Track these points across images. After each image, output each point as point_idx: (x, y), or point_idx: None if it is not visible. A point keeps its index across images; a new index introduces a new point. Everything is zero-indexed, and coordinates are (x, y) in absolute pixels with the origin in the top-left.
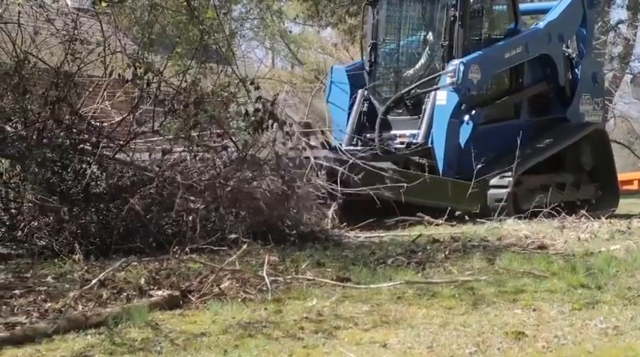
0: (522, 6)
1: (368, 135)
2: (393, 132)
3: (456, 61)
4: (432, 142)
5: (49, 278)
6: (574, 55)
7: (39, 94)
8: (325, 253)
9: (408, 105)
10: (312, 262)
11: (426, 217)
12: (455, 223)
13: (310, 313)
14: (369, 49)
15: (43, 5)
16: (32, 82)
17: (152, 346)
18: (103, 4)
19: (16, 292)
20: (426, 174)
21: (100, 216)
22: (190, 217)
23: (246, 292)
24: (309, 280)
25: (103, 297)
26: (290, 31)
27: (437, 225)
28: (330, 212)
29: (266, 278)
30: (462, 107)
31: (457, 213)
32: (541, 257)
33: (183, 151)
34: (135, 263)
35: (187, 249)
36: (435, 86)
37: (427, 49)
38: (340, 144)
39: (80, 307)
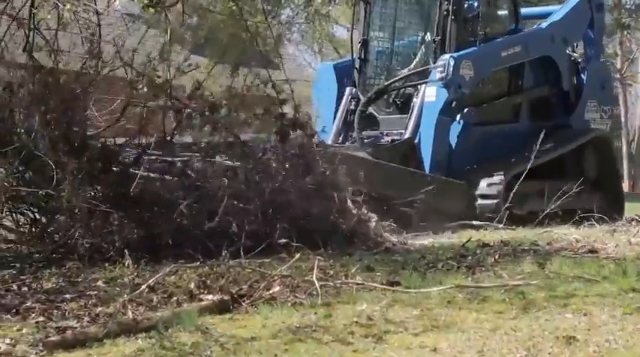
0: (527, 10)
1: (354, 134)
2: (381, 130)
3: (446, 56)
4: (419, 140)
5: (99, 283)
6: (580, 60)
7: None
8: (374, 257)
9: (398, 103)
10: (362, 267)
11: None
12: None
13: (360, 318)
14: (359, 45)
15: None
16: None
17: (202, 351)
18: (151, 10)
19: (67, 296)
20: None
21: (150, 221)
22: (239, 223)
23: (296, 297)
24: (358, 284)
25: (154, 301)
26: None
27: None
28: (373, 215)
29: (316, 283)
30: (453, 105)
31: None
32: (592, 261)
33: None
34: (185, 268)
35: (237, 254)
36: (422, 81)
37: (422, 47)
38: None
39: (130, 311)
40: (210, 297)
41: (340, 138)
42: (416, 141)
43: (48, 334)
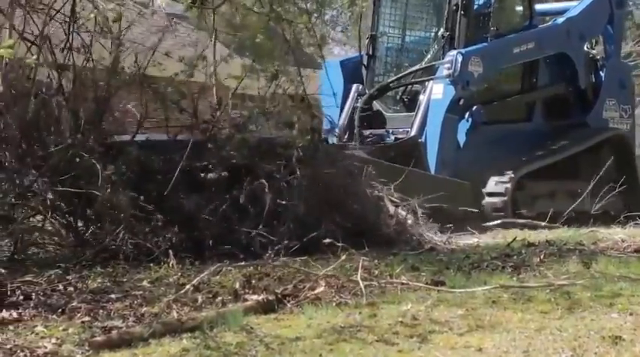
0: (544, 6)
1: (356, 131)
2: (388, 128)
3: (453, 52)
4: (425, 139)
5: (144, 283)
6: (599, 57)
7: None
8: (419, 257)
9: (405, 100)
10: (407, 266)
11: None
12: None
13: (405, 318)
14: (367, 41)
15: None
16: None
17: (247, 350)
18: (195, 10)
19: (113, 296)
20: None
21: (194, 221)
22: (284, 222)
23: (341, 297)
24: (403, 283)
25: (198, 301)
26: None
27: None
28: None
29: (360, 283)
30: (461, 102)
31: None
32: (638, 261)
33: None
34: (229, 267)
35: (281, 253)
36: (428, 77)
37: (435, 44)
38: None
39: (175, 311)
40: (254, 297)
41: (346, 136)
42: (421, 139)
43: (93, 334)
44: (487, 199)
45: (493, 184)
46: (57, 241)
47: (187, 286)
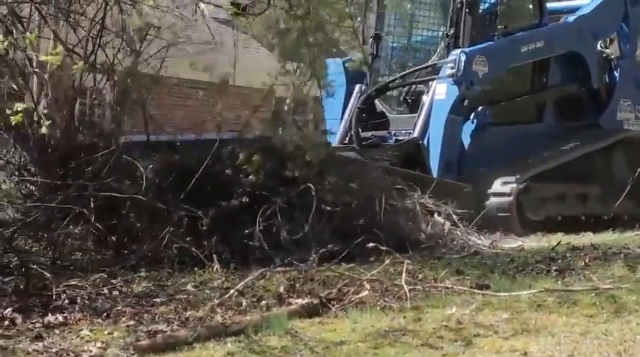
0: (554, 5)
1: (352, 132)
2: (391, 130)
3: (457, 51)
4: (428, 140)
5: (189, 286)
6: (613, 57)
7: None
8: (463, 260)
9: (409, 101)
10: (451, 270)
11: None
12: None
13: (449, 321)
14: (371, 40)
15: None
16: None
17: (291, 354)
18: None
19: (157, 300)
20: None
21: (238, 225)
22: (327, 227)
23: (385, 301)
24: (447, 288)
25: (243, 305)
26: None
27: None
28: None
29: (405, 286)
30: (465, 103)
31: None
32: None
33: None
34: (273, 272)
35: (325, 257)
36: (429, 77)
37: (442, 44)
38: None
39: (220, 315)
40: (299, 301)
41: (347, 138)
42: (423, 141)
43: (138, 338)
44: (491, 200)
45: (498, 184)
46: (100, 246)
47: (232, 291)
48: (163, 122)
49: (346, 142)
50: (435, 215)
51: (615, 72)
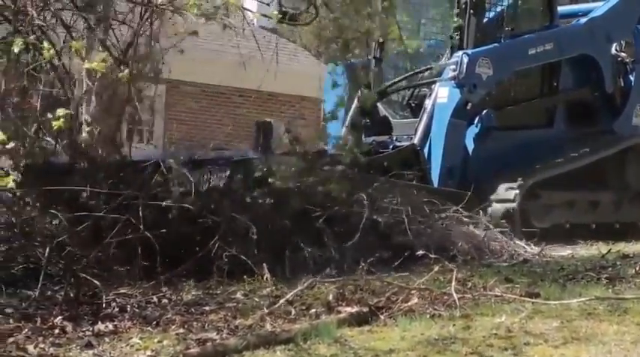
0: (566, 8)
1: (364, 138)
2: (394, 135)
3: (459, 53)
4: (429, 145)
5: (238, 295)
6: (628, 60)
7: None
8: (513, 268)
9: (412, 105)
10: (500, 278)
11: None
12: None
13: (499, 330)
14: (374, 44)
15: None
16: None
17: None
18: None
19: (207, 308)
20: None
21: (289, 235)
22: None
23: (435, 309)
24: (497, 296)
25: (292, 313)
26: None
27: None
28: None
29: (454, 295)
30: (468, 106)
31: None
32: None
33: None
34: (322, 281)
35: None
36: (432, 79)
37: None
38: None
39: (269, 323)
40: (348, 309)
41: (352, 143)
42: (423, 147)
43: (188, 346)
44: (494, 206)
45: (502, 190)
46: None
47: (281, 300)
48: (212, 131)
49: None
50: (471, 226)
51: (630, 76)
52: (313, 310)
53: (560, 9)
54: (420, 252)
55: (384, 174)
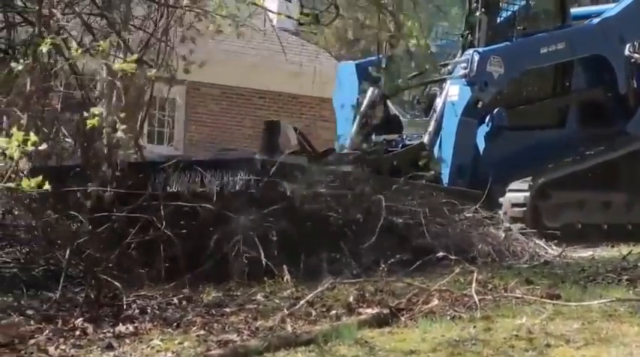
0: (580, 10)
1: (374, 137)
2: (405, 134)
3: (470, 50)
4: (440, 143)
5: (258, 296)
6: None
7: None
8: (534, 270)
9: (423, 104)
10: (521, 280)
11: None
12: None
13: (520, 331)
14: (385, 42)
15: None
16: None
17: None
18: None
19: (227, 310)
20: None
21: (307, 236)
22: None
23: (455, 310)
24: (517, 297)
25: (312, 315)
26: None
27: None
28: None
29: (475, 296)
30: (479, 105)
31: None
32: None
33: None
34: (343, 282)
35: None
36: (442, 77)
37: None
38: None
39: (290, 325)
40: (369, 310)
41: (359, 142)
42: (432, 146)
43: (209, 348)
44: (504, 207)
45: (511, 190)
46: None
47: (302, 302)
48: (232, 133)
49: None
50: (491, 228)
51: None
52: (334, 312)
53: (574, 10)
54: (441, 253)
55: (393, 173)
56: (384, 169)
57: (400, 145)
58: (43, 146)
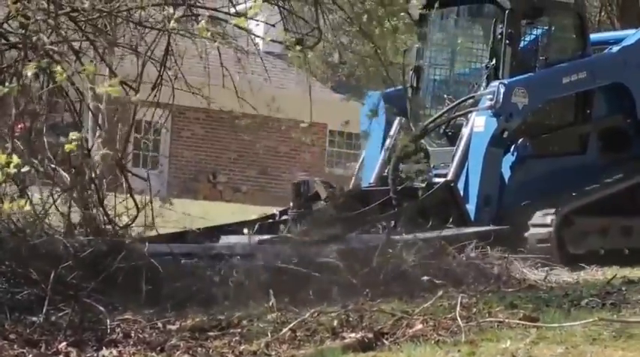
0: (598, 35)
1: (401, 166)
2: (432, 164)
3: (496, 82)
4: (467, 174)
5: (243, 321)
6: None
7: None
8: (518, 294)
9: (449, 134)
10: (506, 304)
11: None
12: None
13: (504, 355)
14: (411, 72)
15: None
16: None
17: None
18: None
19: (211, 334)
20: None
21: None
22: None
23: (439, 335)
24: (500, 322)
25: (297, 339)
26: None
27: None
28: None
29: (459, 320)
30: (505, 135)
31: None
32: None
33: None
34: (327, 308)
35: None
36: (469, 109)
37: (484, 76)
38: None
39: (273, 349)
40: (353, 335)
41: (385, 172)
42: (457, 182)
43: None
44: (531, 230)
45: (539, 215)
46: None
47: (285, 329)
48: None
49: (384, 175)
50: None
51: None
52: (318, 336)
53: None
54: (425, 277)
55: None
56: (409, 215)
57: (433, 175)
58: (25, 169)
